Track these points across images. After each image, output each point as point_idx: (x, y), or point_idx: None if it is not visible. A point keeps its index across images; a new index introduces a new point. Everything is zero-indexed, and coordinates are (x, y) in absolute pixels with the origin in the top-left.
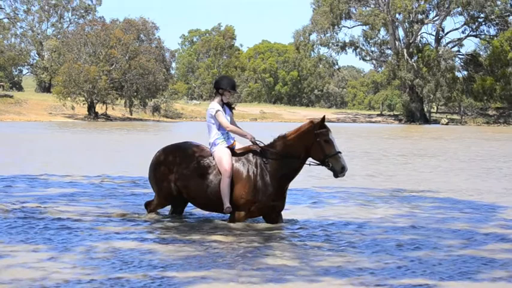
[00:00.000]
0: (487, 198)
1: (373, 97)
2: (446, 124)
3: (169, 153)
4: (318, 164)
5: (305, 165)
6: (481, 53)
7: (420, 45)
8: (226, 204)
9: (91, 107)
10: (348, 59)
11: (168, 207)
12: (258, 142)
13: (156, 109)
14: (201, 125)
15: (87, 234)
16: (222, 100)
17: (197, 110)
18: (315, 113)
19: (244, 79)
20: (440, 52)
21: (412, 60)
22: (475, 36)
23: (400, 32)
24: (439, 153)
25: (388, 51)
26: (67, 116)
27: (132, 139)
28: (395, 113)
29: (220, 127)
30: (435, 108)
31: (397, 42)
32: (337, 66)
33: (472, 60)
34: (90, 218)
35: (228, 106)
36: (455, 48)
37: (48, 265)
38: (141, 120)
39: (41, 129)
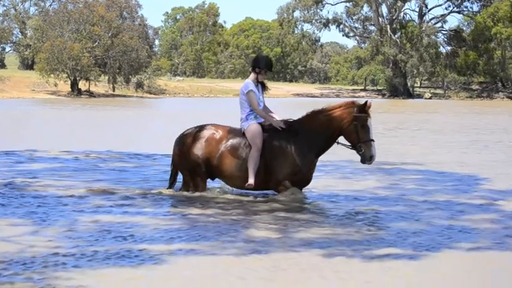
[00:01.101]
0: (470, 170)
1: (356, 72)
2: (430, 98)
3: (197, 135)
4: (348, 146)
5: None
6: (464, 28)
7: (403, 21)
8: (251, 179)
9: (74, 84)
10: (331, 36)
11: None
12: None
13: (139, 85)
14: (184, 100)
15: (70, 208)
16: (257, 79)
17: (180, 86)
18: (298, 88)
19: (227, 56)
20: (423, 28)
21: (396, 36)
22: (458, 12)
23: (384, 9)
24: (424, 126)
25: (372, 28)
26: (50, 93)
27: (117, 115)
28: (379, 88)
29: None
30: (418, 83)
31: (380, 19)
32: (320, 43)
33: (455, 35)
34: (73, 192)
35: (262, 85)
36: (439, 24)
37: (29, 239)
38: (124, 96)
39: (24, 106)
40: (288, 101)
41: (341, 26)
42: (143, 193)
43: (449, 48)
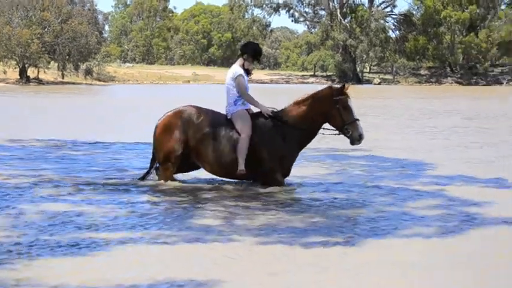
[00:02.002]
0: (418, 155)
1: (306, 58)
2: (379, 84)
3: (179, 117)
4: (335, 132)
5: None
6: (414, 12)
7: (353, 5)
8: (241, 166)
9: (23, 71)
10: (281, 21)
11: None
12: (275, 113)
13: (88, 72)
14: (134, 87)
15: (15, 198)
16: (243, 65)
17: (130, 72)
18: None
19: (177, 42)
20: (373, 12)
21: (346, 20)
22: None
23: None
24: (372, 112)
25: (322, 12)
26: None
27: (66, 102)
28: (328, 74)
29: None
30: (368, 68)
31: (330, 3)
32: (270, 28)
33: (405, 20)
34: (19, 181)
35: (246, 72)
36: (388, 9)
37: None
38: (73, 83)
39: None
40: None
41: (291, 11)
42: (92, 182)
43: (398, 33)
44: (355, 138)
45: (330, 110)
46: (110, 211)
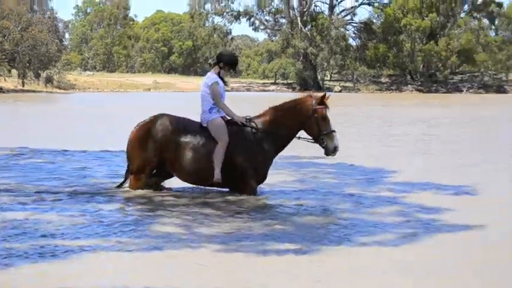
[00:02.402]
0: (379, 163)
1: (267, 66)
2: (340, 91)
3: (153, 126)
4: (310, 140)
5: None
6: (374, 21)
7: (314, 13)
8: (217, 173)
9: None
10: (242, 29)
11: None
12: (247, 120)
13: (49, 80)
14: (95, 95)
15: None
16: (219, 73)
17: (90, 80)
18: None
19: (138, 50)
20: (333, 20)
21: (306, 28)
22: (368, 4)
23: (294, 1)
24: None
25: (282, 20)
26: None
27: (27, 110)
28: (289, 82)
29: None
30: (329, 76)
31: (291, 12)
32: (231, 36)
33: (365, 28)
34: None
35: (222, 80)
36: (349, 17)
37: None
38: (34, 91)
39: None
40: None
41: (252, 19)
42: (57, 191)
43: (359, 41)
44: (330, 150)
45: (308, 119)
46: (79, 219)
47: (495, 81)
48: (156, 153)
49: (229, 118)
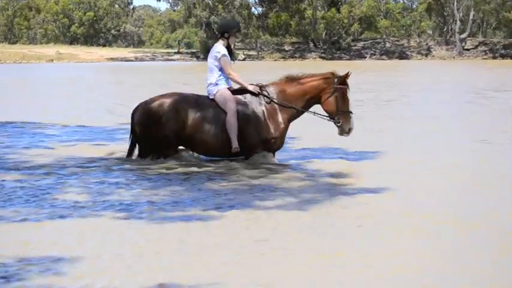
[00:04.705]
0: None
1: (170, 36)
2: (244, 60)
3: (163, 104)
4: (324, 117)
5: None
6: None
7: None
8: (235, 143)
9: None
10: None
11: None
12: (263, 90)
13: None
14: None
15: None
16: (227, 43)
17: None
18: (112, 53)
19: (39, 21)
20: None
21: None
22: None
23: None
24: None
25: None
26: None
27: None
28: (193, 51)
29: (222, 70)
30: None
31: None
32: (132, 6)
33: None
34: None
35: (229, 51)
36: None
37: None
38: None
39: None
40: (103, 66)
41: None
42: None
43: (261, 9)
44: (344, 130)
45: (329, 96)
46: None
47: (397, 47)
48: (172, 132)
49: (235, 88)
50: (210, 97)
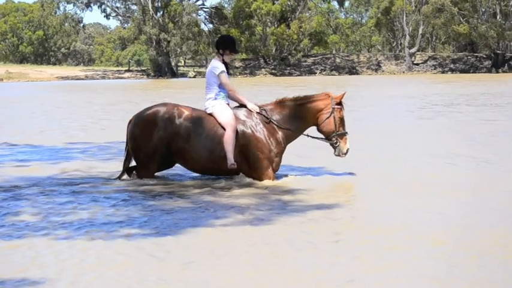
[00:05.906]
0: None
1: (120, 53)
2: (194, 77)
3: (158, 115)
4: (321, 139)
5: None
6: (226, 5)
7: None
8: (231, 160)
9: None
10: (94, 16)
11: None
12: (261, 109)
13: None
14: None
15: None
16: (223, 60)
17: None
18: (62, 72)
19: None
20: (184, 6)
21: (158, 15)
22: None
23: None
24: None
25: (134, 7)
26: None
27: None
28: (143, 68)
29: (220, 86)
30: (183, 62)
31: None
32: (82, 24)
33: (216, 13)
34: None
35: (226, 66)
36: (200, 2)
37: None
38: None
39: None
40: (54, 84)
41: (103, 6)
42: None
43: (211, 26)
44: (342, 151)
45: (327, 117)
46: None
47: (347, 62)
48: (163, 142)
49: (236, 105)
50: (208, 111)
